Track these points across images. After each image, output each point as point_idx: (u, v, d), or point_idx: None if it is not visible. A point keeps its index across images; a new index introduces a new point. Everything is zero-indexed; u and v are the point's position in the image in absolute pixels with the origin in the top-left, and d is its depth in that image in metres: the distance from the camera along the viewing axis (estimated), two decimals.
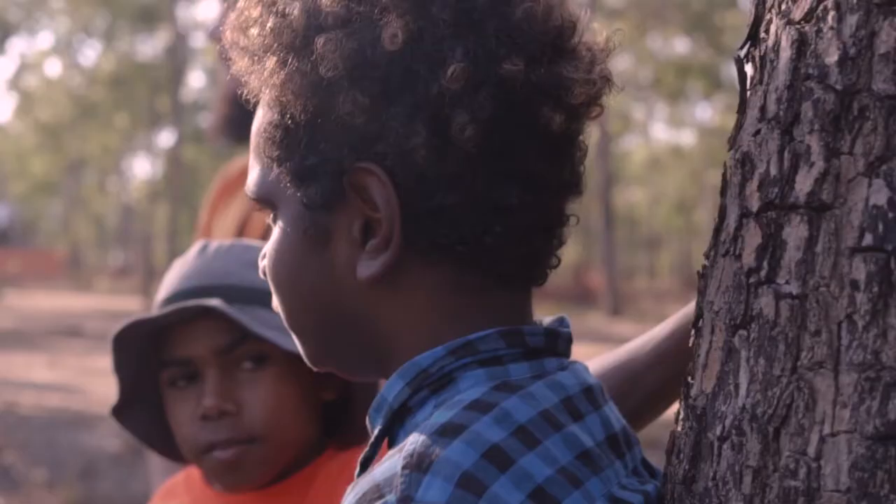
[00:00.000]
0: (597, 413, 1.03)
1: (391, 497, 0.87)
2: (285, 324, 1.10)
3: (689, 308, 1.31)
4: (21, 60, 52.94)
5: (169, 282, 1.67)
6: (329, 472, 1.60)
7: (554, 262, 1.09)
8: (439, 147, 0.97)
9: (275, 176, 1.05)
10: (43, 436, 10.99)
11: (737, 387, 0.97)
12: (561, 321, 1.10)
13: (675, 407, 1.10)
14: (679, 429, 1.05)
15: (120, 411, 1.68)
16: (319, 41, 0.98)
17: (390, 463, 0.91)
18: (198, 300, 1.58)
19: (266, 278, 1.11)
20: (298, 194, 1.02)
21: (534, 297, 1.10)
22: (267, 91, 1.04)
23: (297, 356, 1.15)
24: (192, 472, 1.73)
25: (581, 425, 0.99)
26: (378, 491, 0.89)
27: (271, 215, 1.08)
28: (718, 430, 0.98)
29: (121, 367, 1.64)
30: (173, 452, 1.70)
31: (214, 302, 1.56)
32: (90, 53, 50.28)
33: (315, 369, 1.13)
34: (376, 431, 1.03)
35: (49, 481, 9.41)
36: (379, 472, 0.91)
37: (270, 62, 1.01)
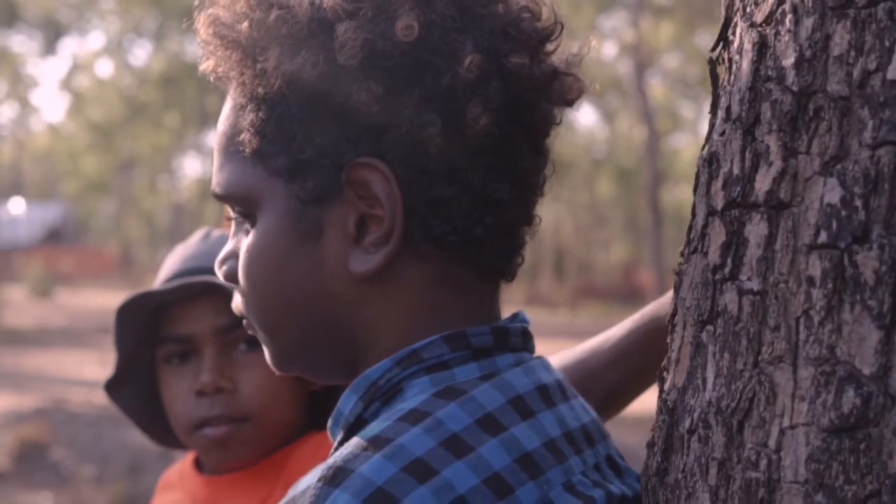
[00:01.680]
0: (551, 411, 1.03)
1: None
2: (256, 326, 1.10)
3: (648, 308, 1.33)
4: (73, 61, 53.42)
5: (171, 263, 1.71)
6: (304, 453, 1.63)
7: (520, 260, 1.11)
8: (451, 137, 0.99)
9: (258, 172, 1.04)
10: (91, 432, 11.10)
11: (704, 381, 0.99)
12: (514, 317, 1.11)
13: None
14: (654, 422, 1.07)
15: (113, 387, 1.72)
16: (340, 28, 0.99)
17: (312, 474, 0.93)
18: (204, 277, 1.62)
19: (227, 282, 1.12)
20: (291, 189, 1.03)
21: (584, 295, 1.10)
22: (257, 85, 1.03)
23: None
24: (185, 465, 1.77)
25: (530, 424, 0.99)
26: (293, 503, 0.91)
27: (240, 214, 1.09)
28: (687, 424, 1.00)
29: (122, 339, 1.68)
30: (158, 434, 1.74)
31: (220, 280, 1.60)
32: (140, 53, 50.58)
33: (279, 372, 1.13)
34: (335, 444, 1.05)
35: (97, 477, 9.51)
36: (302, 483, 0.94)
37: (272, 55, 1.01)
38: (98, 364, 17.20)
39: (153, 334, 1.68)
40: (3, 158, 57.85)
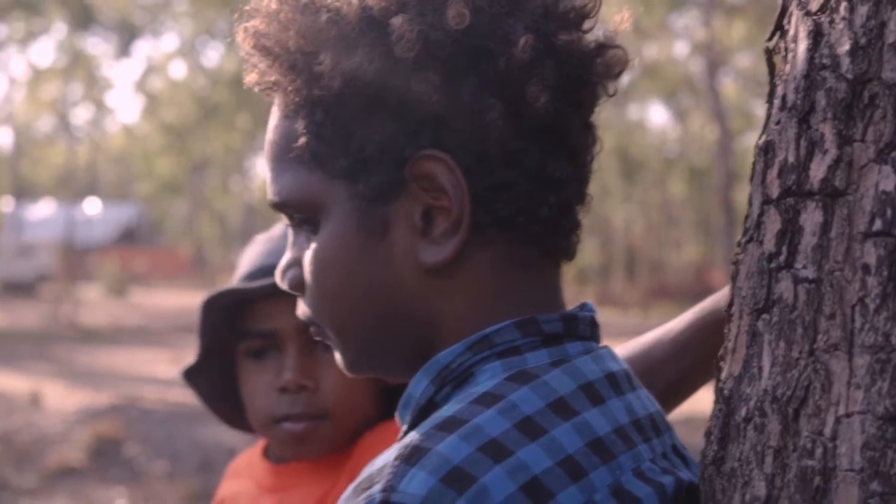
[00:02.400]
0: (620, 399, 1.04)
1: (377, 487, 0.89)
2: (327, 329, 1.10)
3: (708, 300, 1.33)
4: (147, 63, 54.04)
5: (252, 257, 1.73)
6: (371, 442, 1.64)
7: (577, 239, 1.11)
8: (511, 120, 1.00)
9: (318, 176, 1.05)
10: (164, 429, 11.22)
11: (760, 369, 0.99)
12: (582, 306, 1.11)
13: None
14: (711, 412, 1.07)
15: (191, 374, 1.75)
16: (395, 22, 0.99)
17: (388, 453, 0.94)
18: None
19: (292, 291, 1.12)
20: (354, 189, 1.03)
21: (656, 296, 1.10)
22: (312, 89, 1.03)
23: None
24: (254, 453, 1.79)
25: (600, 410, 1.00)
26: (370, 480, 0.91)
27: (300, 221, 1.09)
28: (743, 412, 1.00)
29: (205, 330, 1.71)
30: (232, 419, 1.76)
31: None
32: (213, 55, 51.08)
33: (352, 375, 1.13)
34: (405, 427, 1.06)
35: (169, 473, 9.62)
36: (377, 462, 0.94)
37: (326, 57, 1.02)
38: (171, 362, 17.39)
39: (235, 327, 1.70)
40: (79, 160, 58.60)
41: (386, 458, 0.93)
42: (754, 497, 0.96)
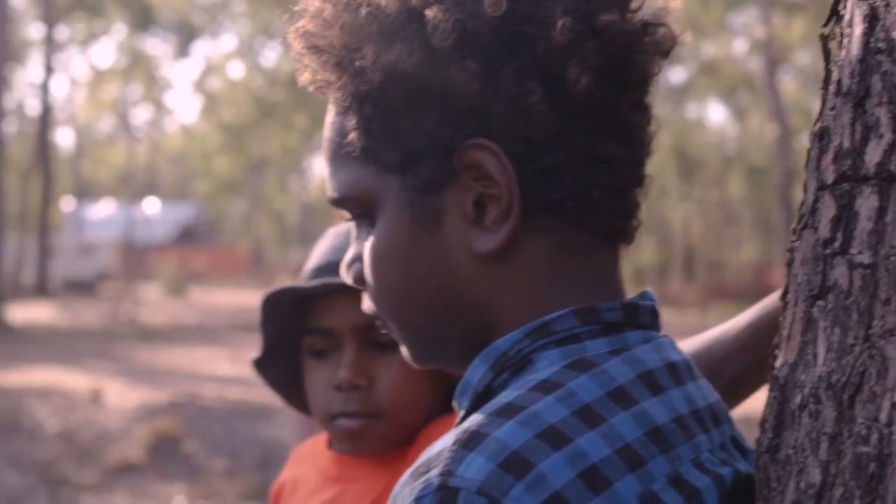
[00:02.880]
0: (679, 388, 1.03)
1: (435, 471, 0.90)
2: (389, 323, 1.11)
3: (770, 298, 1.32)
4: (205, 63, 54.44)
5: (320, 251, 1.74)
6: (431, 437, 1.65)
7: (637, 222, 1.10)
8: (553, 103, 1.00)
9: (371, 171, 1.06)
10: (223, 426, 11.29)
11: (815, 356, 0.98)
12: (643, 295, 1.11)
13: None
14: (767, 400, 1.07)
15: (260, 364, 1.78)
16: (430, 12, 1.00)
17: (446, 438, 0.94)
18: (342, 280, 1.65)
19: (356, 284, 1.13)
20: (405, 182, 1.04)
21: (714, 296, 1.09)
22: (357, 84, 1.05)
23: None
24: (319, 440, 1.81)
25: (660, 399, 1.00)
26: (428, 465, 0.92)
27: (359, 216, 1.10)
28: (798, 399, 0.99)
29: (266, 326, 1.73)
30: (303, 406, 1.78)
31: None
32: (270, 55, 51.41)
33: (417, 366, 1.14)
34: (462, 413, 1.06)
35: (228, 470, 9.68)
36: (435, 447, 0.95)
37: (367, 52, 1.03)
38: (230, 360, 17.50)
39: (299, 323, 1.72)
40: (138, 160, 59.15)
41: (444, 443, 0.93)
42: (809, 484, 0.96)
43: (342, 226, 1.76)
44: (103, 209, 59.98)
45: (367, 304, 1.12)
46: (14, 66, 42.66)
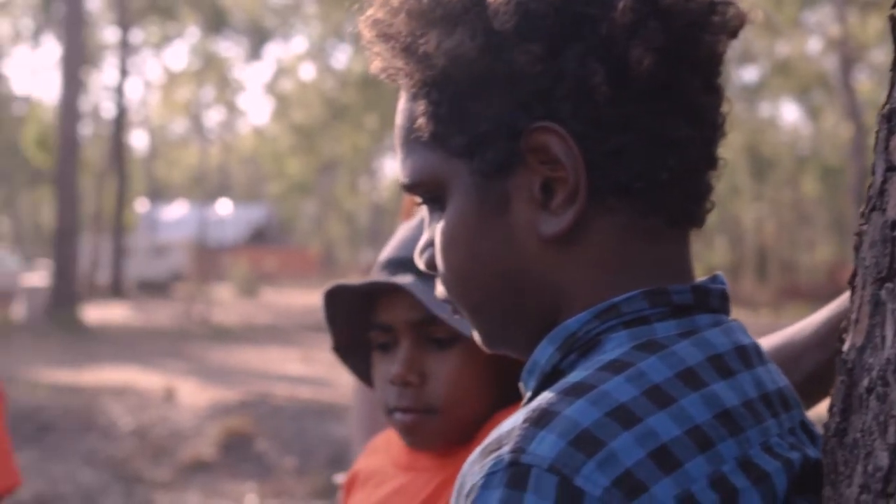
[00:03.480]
0: (749, 372, 1.03)
1: (506, 448, 0.90)
2: (460, 307, 1.11)
3: (846, 295, 1.30)
4: (277, 65, 54.82)
5: (390, 246, 1.76)
6: (491, 430, 1.65)
7: (710, 206, 1.09)
8: (618, 84, 0.99)
9: (439, 156, 1.06)
10: (294, 425, 11.36)
11: (883, 339, 0.96)
12: (714, 278, 1.09)
13: None
14: (834, 384, 1.06)
15: (343, 352, 1.81)
16: None
17: (516, 417, 0.94)
18: (393, 277, 1.67)
19: (428, 270, 1.13)
20: (473, 166, 1.04)
21: (787, 296, 1.08)
22: (423, 70, 1.05)
23: None
24: (393, 432, 1.82)
25: (729, 383, 0.99)
26: (498, 442, 0.91)
27: (430, 201, 1.10)
28: (866, 383, 0.98)
29: (331, 321, 1.75)
30: None
31: (407, 279, 1.64)
32: (341, 57, 51.68)
33: (488, 351, 1.14)
34: (528, 394, 1.06)
35: (299, 468, 9.74)
36: (505, 425, 0.94)
37: (431, 37, 1.03)
38: (301, 360, 17.63)
39: (365, 317, 1.74)
40: (211, 161, 59.72)
41: (514, 421, 0.93)
42: (877, 467, 0.94)
43: (415, 219, 1.77)
44: (177, 210, 60.64)
45: (439, 289, 1.12)
46: (90, 69, 43.24)
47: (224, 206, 56.41)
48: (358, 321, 1.75)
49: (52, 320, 24.53)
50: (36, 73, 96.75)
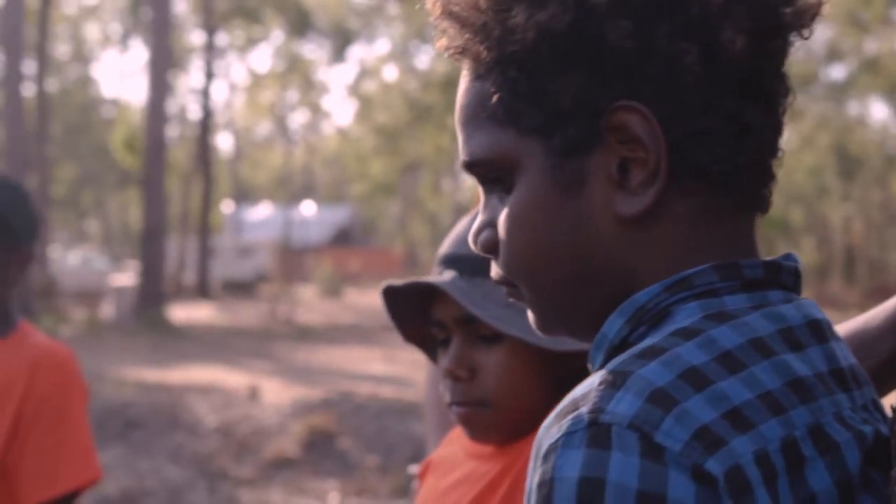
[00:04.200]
0: (820, 347, 1.02)
1: (584, 409, 0.90)
2: (523, 289, 1.09)
3: None
4: (360, 67, 55.13)
5: (446, 241, 1.78)
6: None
7: (770, 192, 1.08)
8: (707, 65, 0.99)
9: (511, 134, 1.05)
10: (376, 423, 11.41)
11: None
12: (786, 256, 1.08)
13: None
14: None
15: (420, 345, 1.86)
16: None
17: (589, 381, 0.94)
18: (440, 274, 1.72)
19: (484, 253, 1.11)
20: (549, 144, 1.03)
21: (876, 297, 1.07)
22: (505, 45, 1.03)
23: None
24: None
25: (799, 356, 0.98)
26: (574, 405, 0.91)
27: (493, 181, 1.09)
28: None
29: (396, 319, 1.80)
30: None
31: (448, 276, 1.69)
32: (424, 58, 51.87)
33: (544, 334, 1.13)
34: (596, 369, 1.04)
35: (381, 466, 9.78)
36: (579, 389, 0.94)
37: (519, 10, 1.01)
38: (383, 360, 17.71)
39: (427, 314, 1.77)
40: (295, 163, 60.22)
41: (589, 384, 0.93)
42: None
43: (471, 213, 1.78)
44: (261, 211, 61.23)
45: (495, 270, 1.11)
46: (176, 72, 43.80)
47: (308, 208, 56.88)
48: (420, 318, 1.78)
49: (139, 320, 24.90)
50: (124, 77, 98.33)
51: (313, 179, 72.54)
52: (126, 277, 31.15)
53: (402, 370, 16.26)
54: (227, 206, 56.58)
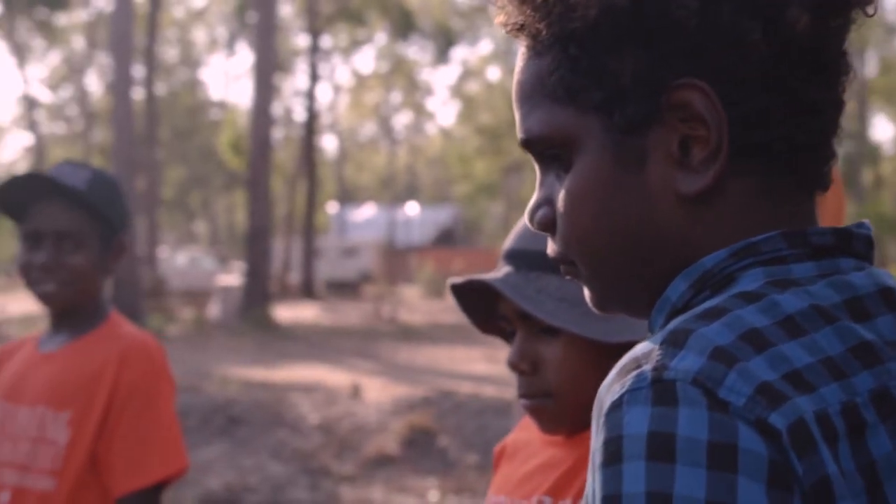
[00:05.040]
0: (893, 314, 1.00)
1: (647, 367, 0.89)
2: (581, 266, 1.09)
3: None
4: (463, 67, 55.18)
5: (508, 236, 1.81)
6: None
7: (830, 170, 1.07)
8: (771, 43, 0.99)
9: (571, 111, 1.04)
10: (476, 422, 11.43)
11: None
12: (859, 224, 1.06)
13: None
14: None
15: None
16: None
17: (651, 340, 0.94)
18: (489, 274, 1.74)
19: (540, 230, 1.11)
20: (609, 122, 1.02)
21: None
22: (567, 22, 1.03)
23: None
24: None
25: (866, 325, 0.97)
26: (636, 363, 0.91)
27: (550, 158, 1.09)
28: None
29: (465, 312, 1.85)
30: None
31: (500, 273, 1.72)
32: None
33: (601, 312, 1.13)
34: (657, 330, 1.02)
35: (480, 464, 9.78)
36: (639, 348, 0.94)
37: None
38: (485, 360, 17.70)
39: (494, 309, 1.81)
40: (399, 163, 60.50)
41: (651, 343, 0.93)
42: None
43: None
44: (365, 212, 61.57)
45: (552, 248, 1.11)
46: (282, 74, 44.23)
47: (412, 208, 57.07)
48: (492, 311, 1.81)
49: (244, 319, 25.19)
50: (231, 80, 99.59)
51: (417, 180, 72.77)
52: (232, 277, 31.54)
53: (503, 370, 16.12)
54: (331, 207, 57.00)
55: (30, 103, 45.16)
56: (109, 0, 26.08)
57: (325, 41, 44.47)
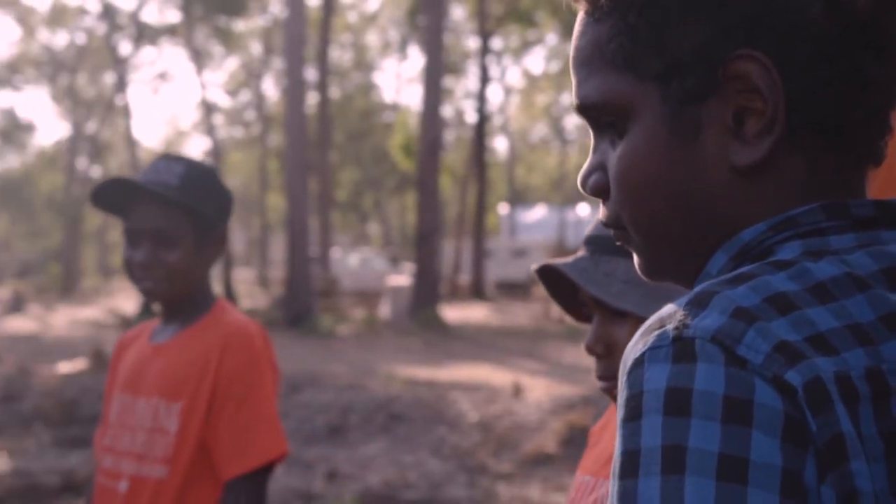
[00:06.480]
0: None
1: (669, 326, 0.91)
2: (633, 233, 1.09)
3: None
4: None
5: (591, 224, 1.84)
6: None
7: (885, 145, 1.06)
8: (831, 16, 0.99)
9: (629, 79, 1.05)
10: None
11: None
12: None
13: None
14: None
15: None
16: None
17: (677, 302, 0.94)
18: (561, 259, 1.78)
19: (593, 195, 1.12)
20: (666, 91, 1.03)
21: None
22: None
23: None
24: None
25: None
26: (660, 322, 0.92)
27: (606, 125, 1.09)
28: None
29: (557, 297, 1.90)
30: None
31: (568, 259, 1.76)
32: None
33: (650, 280, 1.14)
34: None
35: None
36: (665, 309, 0.95)
37: None
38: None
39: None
40: (570, 164, 60.31)
41: (676, 305, 0.94)
42: None
43: None
44: (536, 213, 61.55)
45: (604, 213, 1.12)
46: (453, 76, 44.56)
47: (583, 209, 56.79)
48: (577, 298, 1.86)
49: (413, 319, 25.47)
50: (403, 82, 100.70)
51: None
52: (403, 278, 31.89)
53: None
54: (502, 209, 57.12)
55: (208, 108, 46.42)
56: (284, 6, 26.64)
57: (496, 43, 44.64)
